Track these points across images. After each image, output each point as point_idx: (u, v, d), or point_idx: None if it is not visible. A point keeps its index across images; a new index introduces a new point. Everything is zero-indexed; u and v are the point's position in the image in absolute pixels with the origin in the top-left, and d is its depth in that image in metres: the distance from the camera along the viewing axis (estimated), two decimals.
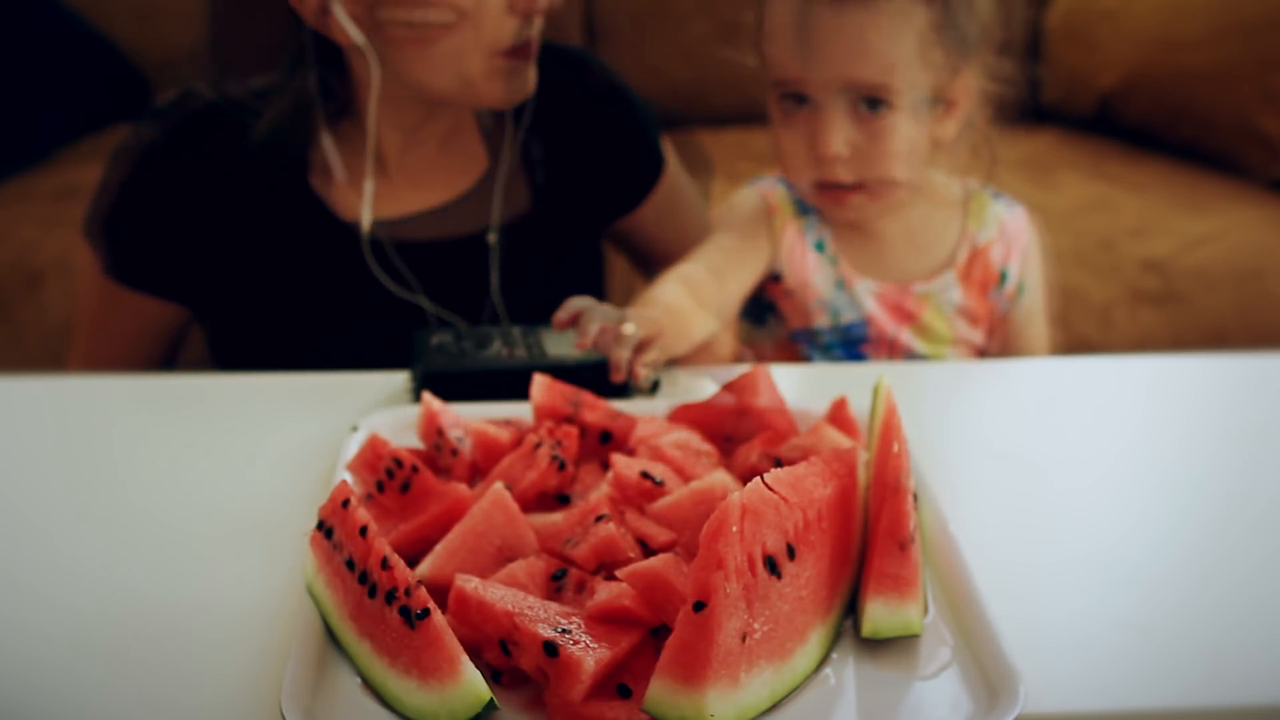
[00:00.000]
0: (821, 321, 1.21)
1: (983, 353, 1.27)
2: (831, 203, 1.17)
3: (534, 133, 1.30)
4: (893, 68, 1.09)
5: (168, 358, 1.34)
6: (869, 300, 1.20)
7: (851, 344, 1.21)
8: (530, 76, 1.18)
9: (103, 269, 1.25)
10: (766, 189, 1.24)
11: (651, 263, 1.41)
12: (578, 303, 1.00)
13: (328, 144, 1.21)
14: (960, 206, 1.24)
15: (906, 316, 1.21)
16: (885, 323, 1.20)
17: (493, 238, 1.26)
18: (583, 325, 0.97)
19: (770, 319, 1.25)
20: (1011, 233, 1.24)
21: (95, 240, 1.26)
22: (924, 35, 1.10)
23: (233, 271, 1.24)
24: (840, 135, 1.11)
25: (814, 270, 1.20)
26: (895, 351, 1.21)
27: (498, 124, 1.30)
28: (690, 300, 1.07)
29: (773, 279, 1.22)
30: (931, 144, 1.17)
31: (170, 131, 1.25)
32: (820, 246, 1.21)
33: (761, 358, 1.25)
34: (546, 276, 1.29)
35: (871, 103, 1.11)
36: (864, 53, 1.08)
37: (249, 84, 1.25)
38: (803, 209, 1.22)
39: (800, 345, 1.22)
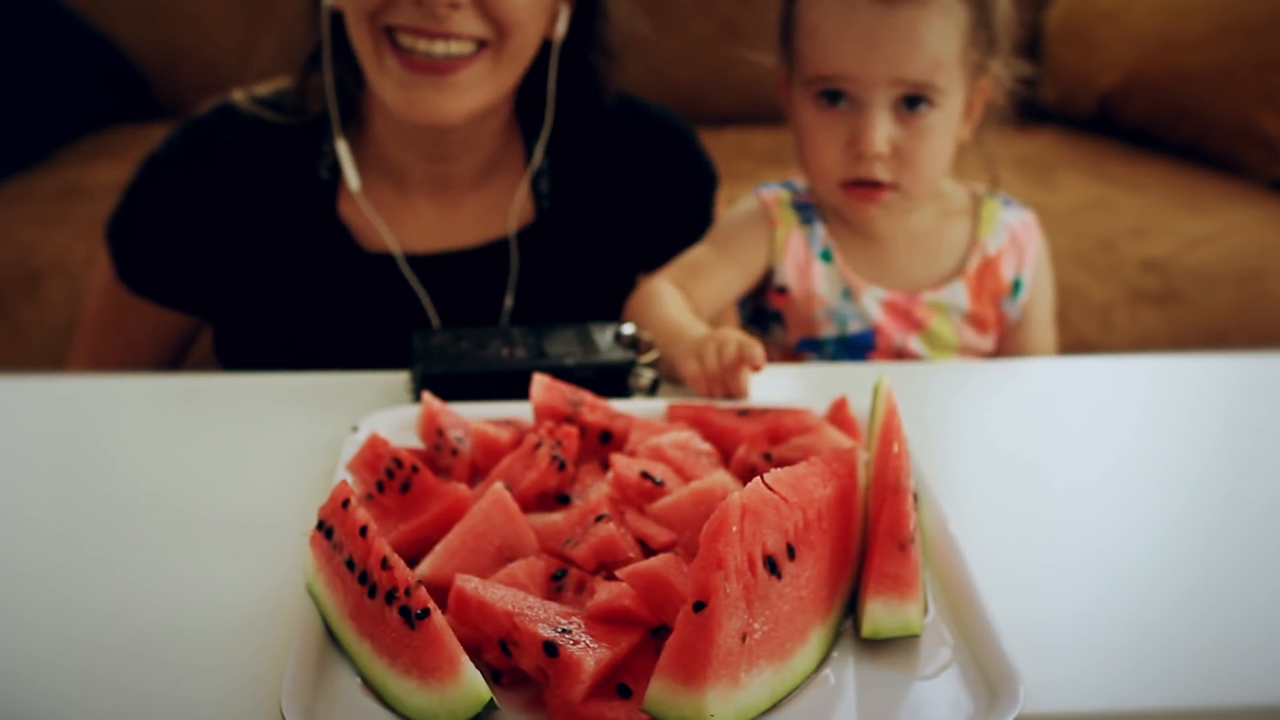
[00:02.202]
0: (828, 331, 1.20)
1: (990, 358, 1.26)
2: (862, 199, 1.15)
3: (609, 179, 1.29)
4: (940, 65, 1.09)
5: (173, 363, 1.33)
6: (876, 309, 1.19)
7: (858, 353, 1.20)
8: (441, 104, 1.10)
9: (115, 273, 1.25)
10: (769, 198, 1.23)
11: None
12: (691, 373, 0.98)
13: (342, 149, 1.19)
14: (969, 214, 1.24)
15: (915, 325, 1.20)
16: (893, 331, 1.19)
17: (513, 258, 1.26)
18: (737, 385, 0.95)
19: (775, 328, 1.24)
20: (1022, 241, 1.23)
21: (110, 244, 1.26)
22: (965, 34, 1.10)
23: (245, 283, 1.23)
24: (883, 133, 1.10)
25: (820, 280, 1.20)
26: (901, 359, 1.20)
27: (551, 180, 1.28)
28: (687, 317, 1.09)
29: (777, 289, 1.21)
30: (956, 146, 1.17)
31: (185, 140, 1.25)
32: (826, 256, 1.20)
33: None
34: (559, 294, 1.28)
35: (912, 101, 1.11)
36: (915, 50, 1.08)
37: (253, 92, 1.25)
38: (807, 218, 1.21)
39: (806, 355, 1.22)
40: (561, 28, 1.18)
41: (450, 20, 1.06)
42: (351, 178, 1.19)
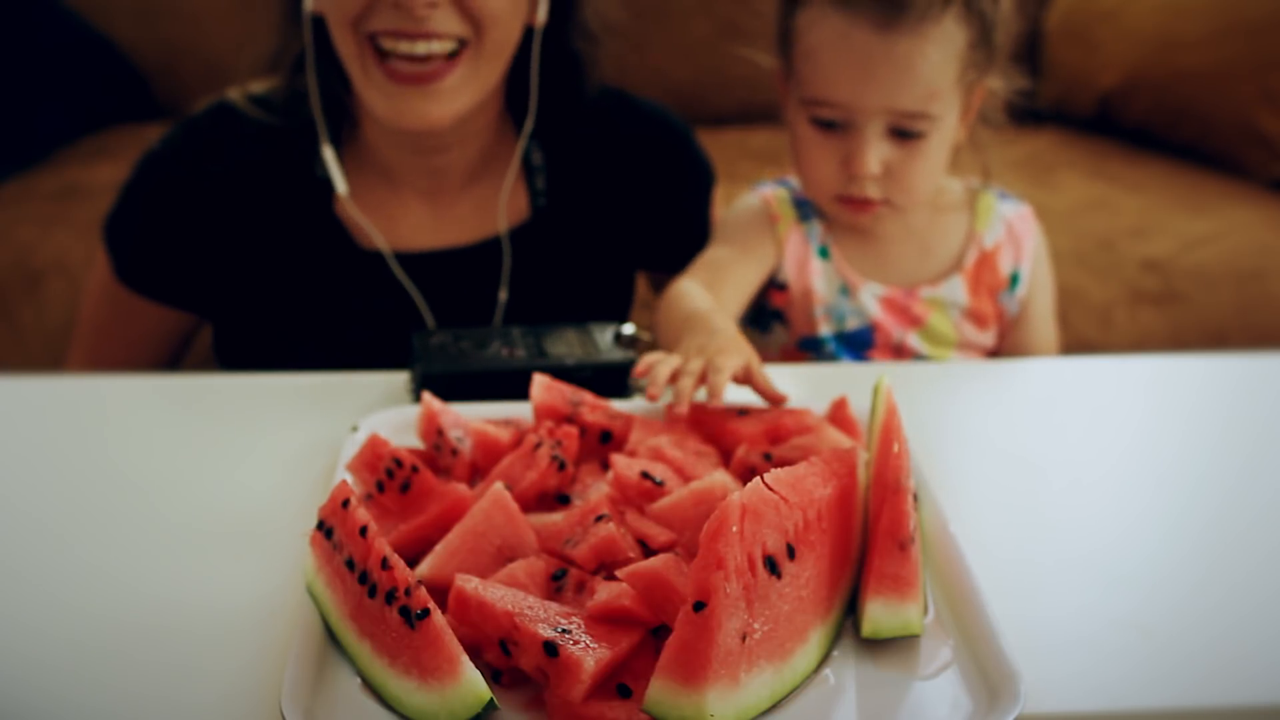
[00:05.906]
0: (826, 328, 1.20)
1: (991, 355, 1.26)
2: (854, 212, 1.17)
3: (605, 176, 1.29)
4: (935, 95, 1.10)
5: (171, 363, 1.33)
6: (874, 305, 1.19)
7: (857, 349, 1.21)
8: (428, 111, 1.11)
9: (113, 272, 1.25)
10: (768, 194, 1.23)
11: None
12: (651, 357, 0.94)
13: (329, 156, 1.20)
14: (966, 208, 1.24)
15: (913, 321, 1.20)
16: (891, 327, 1.20)
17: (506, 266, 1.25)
18: (653, 376, 0.90)
19: (775, 326, 1.24)
20: (1019, 233, 1.24)
21: (107, 242, 1.26)
22: (963, 56, 1.11)
23: (243, 281, 1.23)
24: (876, 155, 1.11)
25: (817, 276, 1.20)
26: (901, 355, 1.21)
27: (547, 177, 1.28)
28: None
29: (777, 287, 1.21)
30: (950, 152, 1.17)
31: (183, 138, 1.25)
32: (824, 252, 1.20)
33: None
34: (556, 293, 1.28)
35: (907, 127, 1.11)
36: (910, 82, 1.09)
37: (249, 90, 1.25)
38: (805, 215, 1.22)
39: (807, 353, 1.22)
40: (542, 14, 1.17)
41: (430, 20, 1.07)
42: (339, 183, 1.20)
